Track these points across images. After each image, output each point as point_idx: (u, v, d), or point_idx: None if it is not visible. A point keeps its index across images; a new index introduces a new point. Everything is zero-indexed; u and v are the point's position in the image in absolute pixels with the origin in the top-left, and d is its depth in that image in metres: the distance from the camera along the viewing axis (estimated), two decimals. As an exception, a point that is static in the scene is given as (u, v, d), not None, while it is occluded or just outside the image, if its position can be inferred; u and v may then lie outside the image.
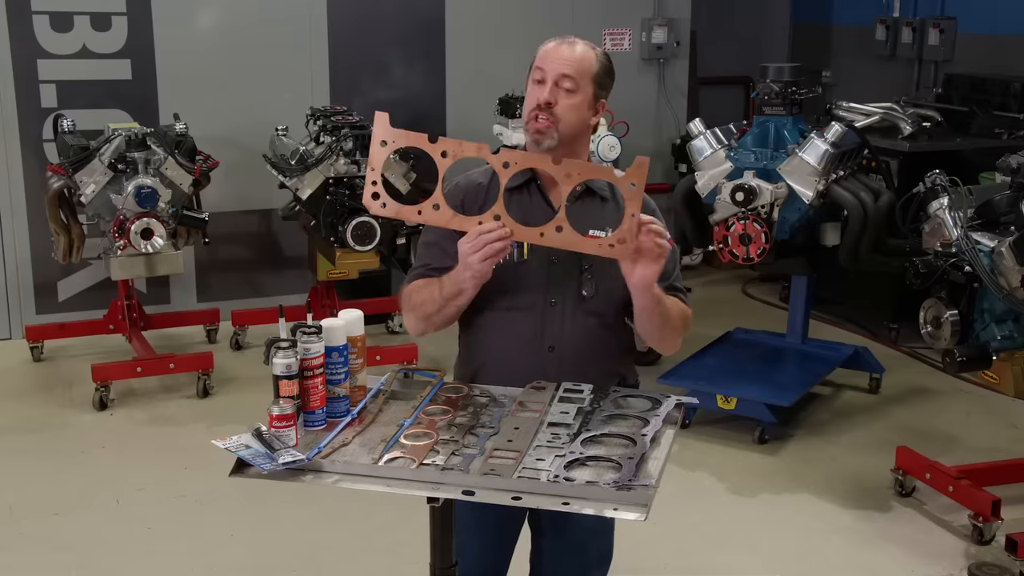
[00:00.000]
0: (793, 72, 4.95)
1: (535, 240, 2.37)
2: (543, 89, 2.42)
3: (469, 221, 2.37)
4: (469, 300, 2.43)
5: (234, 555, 3.80)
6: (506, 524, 2.64)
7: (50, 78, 5.78)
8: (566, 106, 2.42)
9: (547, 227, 2.35)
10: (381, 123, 2.41)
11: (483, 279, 2.37)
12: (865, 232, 4.70)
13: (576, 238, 2.34)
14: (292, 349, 2.21)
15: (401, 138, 2.41)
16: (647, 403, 2.39)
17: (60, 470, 4.45)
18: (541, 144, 2.43)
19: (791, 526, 4.05)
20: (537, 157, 2.40)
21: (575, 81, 2.42)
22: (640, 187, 2.29)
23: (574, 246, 2.36)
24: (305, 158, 5.20)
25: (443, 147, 2.37)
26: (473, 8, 6.58)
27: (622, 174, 2.32)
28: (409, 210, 2.45)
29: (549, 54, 2.45)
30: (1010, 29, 6.34)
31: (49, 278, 5.98)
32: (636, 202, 2.29)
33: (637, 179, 2.29)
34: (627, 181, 2.29)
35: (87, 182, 4.86)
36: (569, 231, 2.33)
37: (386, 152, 2.40)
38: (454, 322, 2.55)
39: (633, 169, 2.29)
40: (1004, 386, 5.29)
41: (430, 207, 2.38)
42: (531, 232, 2.36)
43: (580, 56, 2.44)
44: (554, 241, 2.35)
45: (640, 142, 6.88)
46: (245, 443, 2.10)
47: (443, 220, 2.39)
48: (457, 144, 2.38)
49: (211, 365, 5.22)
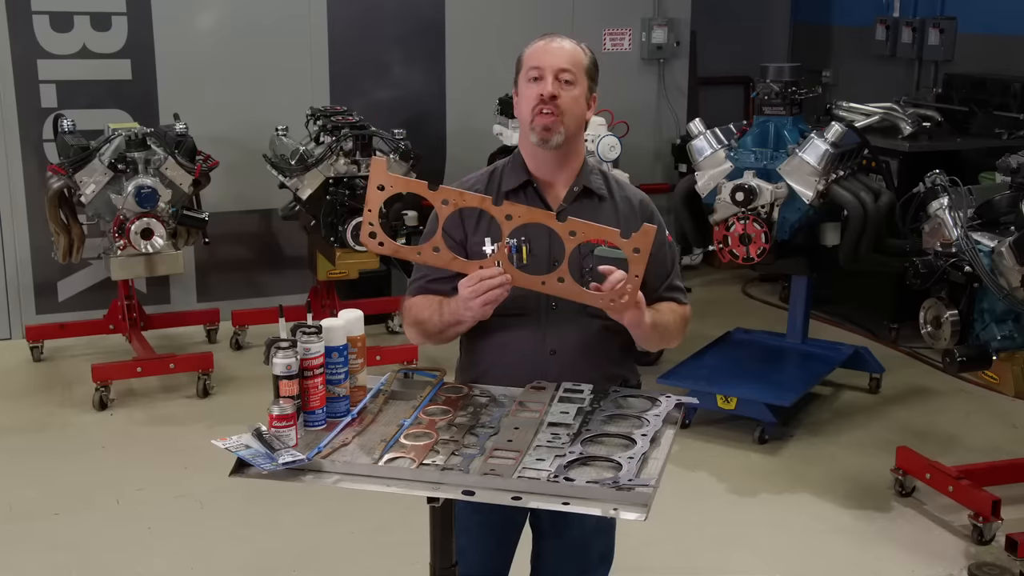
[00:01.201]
0: (793, 72, 4.95)
1: (536, 288, 2.38)
2: (544, 84, 2.42)
3: (470, 265, 2.38)
4: (468, 328, 2.46)
5: (234, 555, 3.80)
6: (507, 527, 2.64)
7: (50, 78, 5.78)
8: (569, 98, 2.42)
9: (549, 277, 2.36)
10: (378, 169, 2.39)
11: (483, 318, 2.39)
12: (865, 232, 4.70)
13: (577, 290, 2.36)
14: (292, 349, 2.21)
15: (400, 184, 2.42)
16: (647, 403, 2.39)
17: (60, 470, 4.45)
18: (549, 142, 2.43)
19: (791, 526, 4.05)
20: (541, 213, 2.37)
21: (573, 73, 2.43)
22: (644, 254, 2.29)
23: (576, 297, 2.37)
24: (305, 158, 5.20)
25: (444, 196, 2.36)
26: (473, 8, 6.58)
27: (626, 241, 2.31)
28: (408, 251, 2.46)
29: (542, 51, 2.46)
30: (1010, 29, 6.34)
31: (49, 278, 5.98)
32: (639, 266, 2.30)
33: (642, 245, 2.29)
34: (631, 246, 2.30)
35: (87, 182, 4.87)
36: (571, 283, 2.35)
37: (383, 196, 2.39)
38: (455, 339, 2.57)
39: (639, 235, 2.29)
40: (1004, 386, 5.29)
41: (430, 249, 2.39)
42: (532, 280, 2.37)
43: (572, 50, 2.47)
44: (555, 291, 2.37)
45: (640, 142, 6.90)
46: (245, 443, 2.10)
47: (443, 262, 2.39)
48: (459, 195, 2.37)
49: (211, 365, 5.22)
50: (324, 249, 5.33)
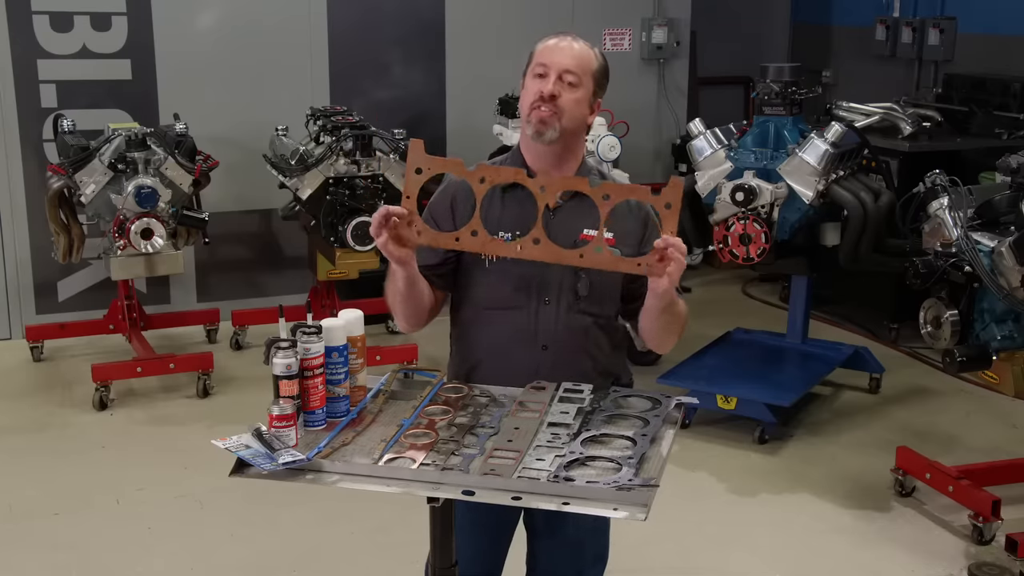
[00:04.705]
0: (793, 72, 4.95)
1: (513, 255, 2.36)
2: (546, 82, 2.41)
3: (505, 247, 2.36)
4: (409, 280, 2.40)
5: (234, 555, 3.80)
6: (501, 526, 2.64)
7: (50, 78, 5.78)
8: (569, 99, 2.41)
9: (524, 241, 2.34)
10: (416, 150, 2.38)
11: (401, 260, 2.34)
12: (865, 232, 4.70)
13: (556, 251, 2.33)
14: (292, 349, 2.21)
15: (437, 165, 2.39)
16: (647, 403, 2.39)
17: (60, 470, 4.45)
18: (543, 135, 2.42)
19: (791, 526, 4.05)
20: (573, 180, 2.37)
21: (578, 76, 2.42)
22: (676, 208, 2.25)
23: (559, 259, 2.34)
24: (305, 158, 5.20)
25: (481, 173, 2.37)
26: (473, 8, 6.58)
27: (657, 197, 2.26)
28: (446, 237, 2.40)
29: (552, 49, 2.44)
30: (1010, 29, 6.34)
31: (49, 278, 5.98)
32: (671, 222, 2.25)
33: (672, 199, 2.25)
34: (662, 202, 2.27)
35: (87, 182, 4.87)
36: (547, 243, 2.32)
37: (422, 180, 2.38)
38: (431, 311, 2.53)
39: (668, 189, 2.26)
40: (1004, 386, 5.29)
41: (468, 234, 2.37)
42: (509, 247, 2.36)
43: (582, 52, 2.45)
44: (533, 254, 2.34)
45: (640, 142, 6.90)
46: (245, 443, 2.10)
47: (479, 246, 2.37)
48: (495, 171, 2.39)
49: (211, 365, 5.22)
50: (324, 249, 5.33)
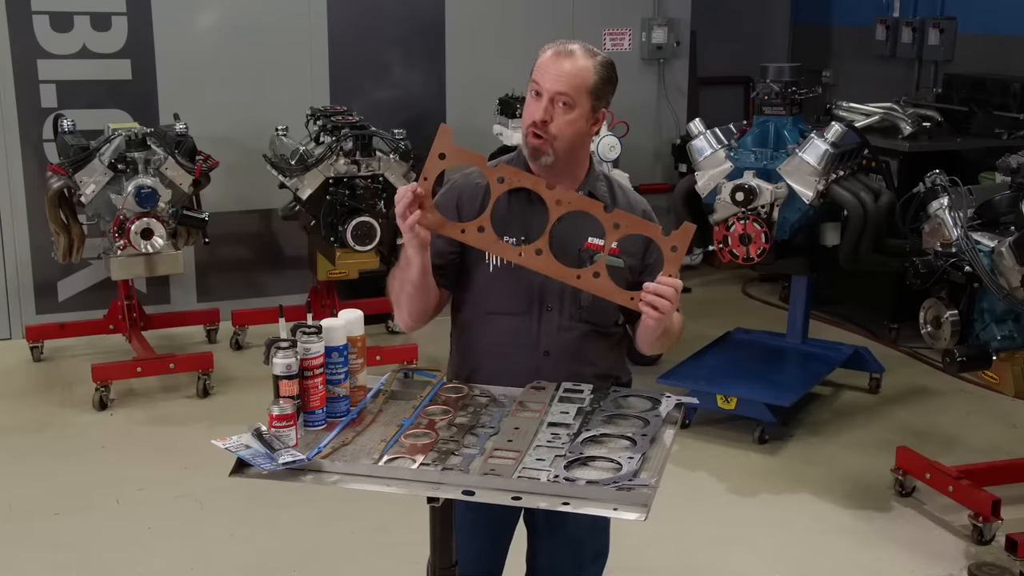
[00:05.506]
0: (793, 72, 4.95)
1: (514, 259, 2.37)
2: (539, 106, 2.39)
3: (510, 250, 2.37)
4: (423, 270, 2.39)
5: (234, 555, 3.80)
6: (501, 526, 2.64)
7: (50, 78, 5.78)
8: (562, 123, 2.39)
9: (527, 249, 2.35)
10: (444, 136, 2.37)
11: (424, 244, 2.34)
12: (865, 232, 4.70)
13: (556, 266, 2.34)
14: (292, 349, 2.21)
15: (463, 156, 2.39)
16: (647, 403, 2.39)
17: (60, 470, 4.45)
18: (538, 160, 2.43)
19: (791, 526, 4.05)
20: (588, 202, 2.37)
21: (572, 97, 2.39)
22: (681, 252, 2.28)
23: (557, 274, 2.35)
24: (305, 158, 5.20)
25: (501, 173, 2.38)
26: (473, 8, 6.57)
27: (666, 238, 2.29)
28: (452, 227, 2.40)
29: (546, 68, 2.41)
30: (1010, 29, 6.34)
31: (49, 278, 5.98)
32: (674, 265, 2.28)
33: (680, 244, 2.28)
34: (670, 244, 2.29)
35: (87, 182, 4.87)
36: (548, 257, 2.33)
37: (442, 166, 2.37)
38: (436, 309, 2.53)
39: (678, 233, 2.29)
40: (1004, 386, 5.29)
41: (474, 228, 2.37)
42: (510, 250, 2.37)
43: (576, 71, 2.40)
44: (534, 264, 2.35)
45: (640, 142, 6.90)
46: (245, 443, 2.10)
47: (485, 243, 2.38)
48: (514, 172, 2.39)
49: (211, 365, 5.22)
50: (324, 249, 5.33)
